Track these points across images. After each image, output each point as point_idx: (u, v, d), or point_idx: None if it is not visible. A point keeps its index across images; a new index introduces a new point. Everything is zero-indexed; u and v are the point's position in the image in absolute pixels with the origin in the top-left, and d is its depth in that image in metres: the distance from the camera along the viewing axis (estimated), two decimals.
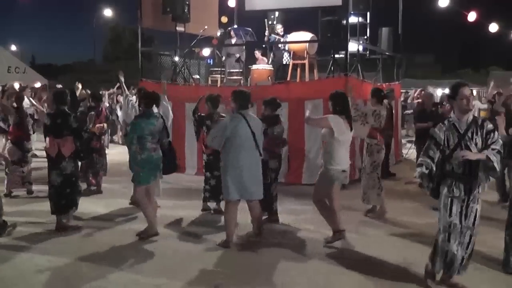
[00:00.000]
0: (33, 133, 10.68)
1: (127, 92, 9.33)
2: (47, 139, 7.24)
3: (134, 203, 8.19)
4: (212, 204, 8.30)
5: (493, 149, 4.72)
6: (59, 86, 18.82)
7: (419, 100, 13.90)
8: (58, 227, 7.26)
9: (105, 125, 9.88)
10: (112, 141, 17.02)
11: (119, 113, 17.56)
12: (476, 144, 4.78)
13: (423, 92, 15.00)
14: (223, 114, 7.85)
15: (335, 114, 6.47)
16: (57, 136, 7.15)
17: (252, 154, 6.37)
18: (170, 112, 8.70)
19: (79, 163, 7.80)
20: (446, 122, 4.93)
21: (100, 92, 12.88)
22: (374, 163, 8.02)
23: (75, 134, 7.23)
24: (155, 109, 7.16)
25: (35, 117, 10.59)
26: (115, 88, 17.09)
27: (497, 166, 4.68)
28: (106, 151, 10.46)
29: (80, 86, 12.61)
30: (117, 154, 13.99)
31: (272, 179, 7.53)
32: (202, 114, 8.08)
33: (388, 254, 6.21)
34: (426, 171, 4.91)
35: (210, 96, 8.04)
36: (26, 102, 10.99)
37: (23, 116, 9.53)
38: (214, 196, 8.11)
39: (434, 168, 4.91)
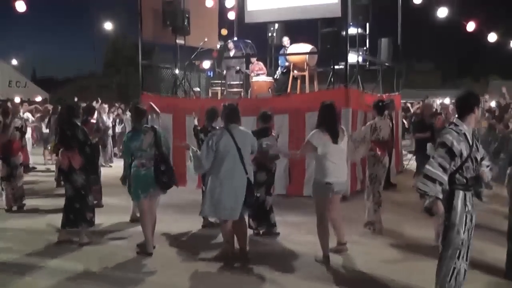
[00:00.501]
0: (23, 147, 10.37)
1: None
2: (60, 152, 7.30)
3: (133, 220, 8.20)
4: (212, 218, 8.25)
5: (487, 166, 4.71)
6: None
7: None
8: (60, 240, 7.25)
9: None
10: (114, 155, 17.01)
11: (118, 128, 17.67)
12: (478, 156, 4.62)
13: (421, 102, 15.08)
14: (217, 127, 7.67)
15: (316, 129, 6.37)
16: (67, 149, 7.21)
17: (235, 170, 6.07)
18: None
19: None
20: (457, 131, 4.45)
21: (93, 104, 12.79)
22: (371, 175, 7.97)
23: (80, 146, 7.23)
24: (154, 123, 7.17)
25: (24, 130, 10.12)
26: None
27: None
28: (111, 165, 10.44)
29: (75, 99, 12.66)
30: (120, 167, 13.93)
31: (263, 193, 7.38)
32: (198, 127, 8.05)
33: (387, 269, 6.18)
34: (440, 189, 4.40)
35: (207, 109, 7.93)
36: (29, 117, 11.01)
37: (7, 131, 9.26)
38: None
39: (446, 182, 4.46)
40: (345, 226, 6.91)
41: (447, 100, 26.28)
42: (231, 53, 13.96)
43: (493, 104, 19.56)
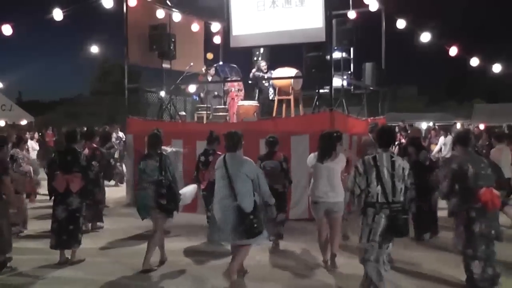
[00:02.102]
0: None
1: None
2: (57, 174, 7.48)
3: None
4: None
5: None
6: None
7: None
8: (61, 261, 7.46)
9: None
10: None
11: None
12: None
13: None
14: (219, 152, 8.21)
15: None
16: (66, 172, 7.44)
17: (226, 198, 6.24)
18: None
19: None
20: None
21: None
22: None
23: (83, 172, 7.59)
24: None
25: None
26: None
27: None
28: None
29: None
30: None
31: (274, 210, 7.24)
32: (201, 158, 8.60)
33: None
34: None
35: (208, 134, 8.66)
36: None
37: None
38: None
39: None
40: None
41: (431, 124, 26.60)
42: (209, 78, 13.97)
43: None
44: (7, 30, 12.56)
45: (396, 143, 12.40)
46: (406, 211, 5.62)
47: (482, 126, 22.76)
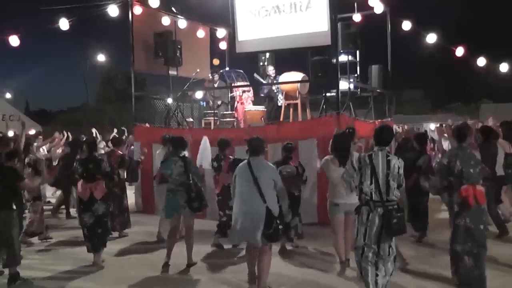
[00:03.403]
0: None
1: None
2: (79, 184, 7.87)
3: (160, 241, 9.14)
4: (223, 241, 8.57)
5: None
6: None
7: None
8: (95, 263, 7.83)
9: None
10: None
11: None
12: None
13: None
14: (230, 157, 8.67)
15: (329, 155, 7.19)
16: (89, 181, 7.78)
17: (253, 199, 6.21)
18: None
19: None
20: None
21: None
22: None
23: (109, 178, 8.07)
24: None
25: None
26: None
27: None
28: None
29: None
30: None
31: (289, 214, 7.78)
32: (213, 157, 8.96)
33: None
34: None
35: (219, 139, 8.86)
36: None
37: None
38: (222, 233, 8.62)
39: None
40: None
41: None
42: (216, 84, 14.01)
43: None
44: (14, 41, 12.66)
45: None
46: (401, 209, 5.67)
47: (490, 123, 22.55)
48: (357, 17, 13.44)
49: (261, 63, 14.29)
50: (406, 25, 13.75)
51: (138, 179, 11.30)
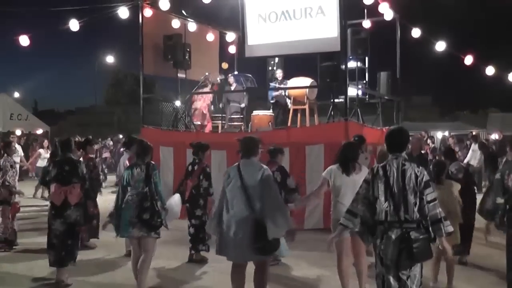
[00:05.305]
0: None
1: None
2: (52, 187, 6.94)
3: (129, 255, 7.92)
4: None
5: None
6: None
7: None
8: (58, 281, 6.84)
9: None
10: None
11: None
12: None
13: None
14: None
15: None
16: (64, 184, 6.89)
17: (241, 211, 5.41)
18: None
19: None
20: None
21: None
22: None
23: (84, 181, 7.06)
24: None
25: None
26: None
27: None
28: None
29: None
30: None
31: None
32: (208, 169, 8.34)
33: None
34: None
35: (195, 143, 8.40)
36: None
37: None
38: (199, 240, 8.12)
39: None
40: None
41: (447, 133, 26.41)
42: (232, 87, 14.04)
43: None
44: (24, 41, 12.73)
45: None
46: (424, 230, 4.48)
47: (496, 136, 22.53)
48: (366, 24, 13.43)
49: (270, 68, 14.30)
50: (416, 32, 13.76)
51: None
